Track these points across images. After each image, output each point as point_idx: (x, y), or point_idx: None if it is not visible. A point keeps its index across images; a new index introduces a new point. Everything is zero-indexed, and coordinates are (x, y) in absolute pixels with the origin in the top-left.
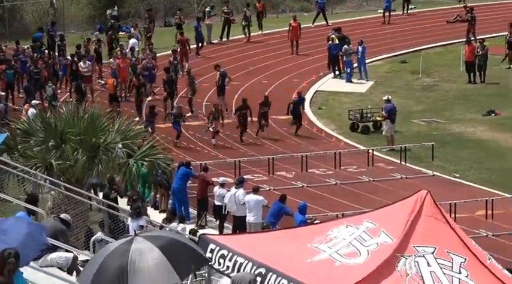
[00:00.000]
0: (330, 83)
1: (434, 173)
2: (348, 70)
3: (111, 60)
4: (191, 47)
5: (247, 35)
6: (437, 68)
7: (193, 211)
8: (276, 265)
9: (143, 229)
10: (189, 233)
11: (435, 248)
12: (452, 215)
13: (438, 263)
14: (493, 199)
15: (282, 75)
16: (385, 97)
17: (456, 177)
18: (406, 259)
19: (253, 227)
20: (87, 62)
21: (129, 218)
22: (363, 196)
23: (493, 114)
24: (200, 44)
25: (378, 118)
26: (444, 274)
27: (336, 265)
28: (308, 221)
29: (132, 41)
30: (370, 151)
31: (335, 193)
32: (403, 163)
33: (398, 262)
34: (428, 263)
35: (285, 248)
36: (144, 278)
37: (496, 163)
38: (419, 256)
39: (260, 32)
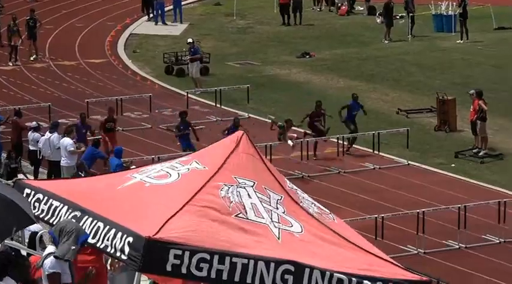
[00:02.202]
0: (144, 26)
1: (250, 115)
2: (161, 12)
3: None
4: None
5: None
6: (251, 10)
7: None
8: (91, 206)
9: None
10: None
11: (254, 182)
12: (268, 156)
13: (258, 197)
14: (308, 141)
15: (96, 18)
16: (189, 40)
17: (271, 119)
18: (229, 187)
19: (65, 171)
20: None
21: None
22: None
23: (307, 56)
24: None
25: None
26: (264, 207)
27: (146, 186)
28: (124, 165)
29: None
30: (185, 94)
31: (150, 137)
32: (218, 105)
33: (221, 190)
34: (249, 195)
35: (100, 188)
36: None
37: (310, 104)
38: (240, 187)
39: None
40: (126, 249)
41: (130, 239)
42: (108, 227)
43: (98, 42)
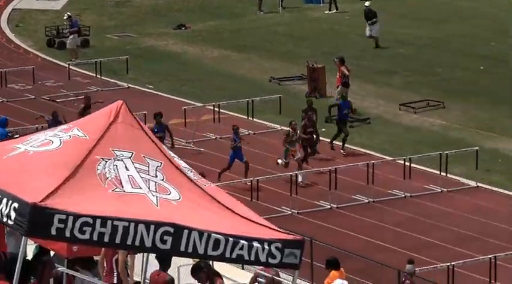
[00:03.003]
0: (26, 2)
1: (129, 85)
2: None
3: None
4: None
5: None
6: None
7: None
8: None
9: None
10: None
11: (132, 153)
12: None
13: (135, 167)
14: (185, 108)
15: None
16: (66, 15)
17: (150, 88)
18: (106, 162)
19: None
20: None
21: None
22: (64, 108)
23: (183, 28)
24: None
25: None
26: (141, 177)
27: (30, 155)
28: (9, 134)
29: None
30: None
31: (34, 107)
32: (98, 76)
33: (99, 165)
34: (126, 167)
35: None
36: None
37: (187, 74)
38: (118, 159)
39: None
40: (13, 215)
41: (16, 205)
42: None
43: None
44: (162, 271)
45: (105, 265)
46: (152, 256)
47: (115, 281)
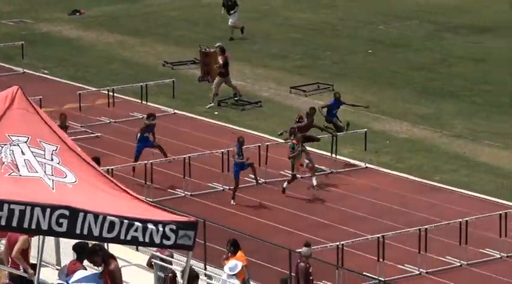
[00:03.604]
0: None
1: (25, 71)
2: None
3: None
4: None
5: None
6: None
7: None
8: None
9: None
10: None
11: (28, 137)
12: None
13: (31, 152)
14: (80, 93)
15: None
16: None
17: (45, 73)
18: (2, 147)
19: None
20: None
21: None
22: None
23: (78, 13)
24: None
25: None
26: (37, 161)
27: None
28: None
29: None
30: None
31: None
32: None
33: None
34: (22, 151)
35: None
36: None
37: (82, 59)
38: (13, 144)
39: None
40: None
41: None
42: None
43: None
44: (78, 261)
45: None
46: (68, 245)
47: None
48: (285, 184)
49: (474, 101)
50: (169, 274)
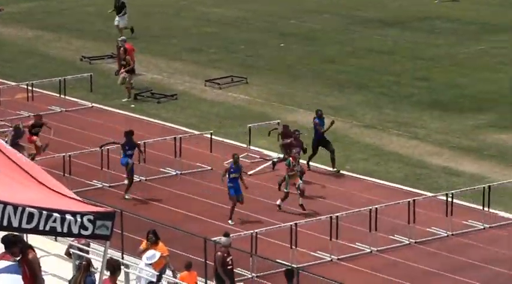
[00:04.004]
0: None
1: None
2: None
3: None
4: None
5: None
6: None
7: None
8: None
9: None
10: None
11: None
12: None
13: None
14: None
15: None
16: None
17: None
18: None
19: None
20: None
21: None
22: None
23: None
24: None
25: None
26: None
27: None
28: None
29: None
30: None
31: None
32: None
33: None
34: None
35: None
36: None
37: (1, 54)
38: None
39: None
40: None
41: None
42: None
43: None
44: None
45: None
46: None
47: None
48: (278, 202)
49: (383, 92)
50: (84, 262)
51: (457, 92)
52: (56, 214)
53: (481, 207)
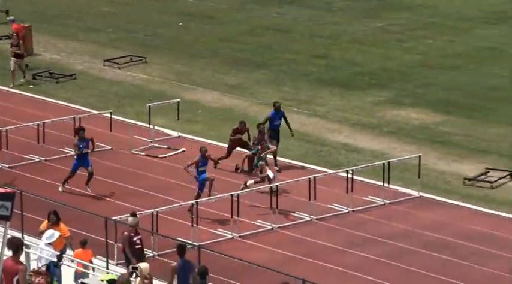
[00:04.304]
0: None
1: None
2: None
3: None
4: None
5: None
6: None
7: None
8: None
9: None
10: None
11: None
12: None
13: None
14: None
15: None
16: None
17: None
18: None
19: None
20: None
21: None
22: None
23: None
24: None
25: None
26: None
27: None
28: None
29: None
30: None
31: None
32: None
33: None
34: None
35: None
36: None
37: None
38: None
39: None
40: None
41: None
42: None
43: None
44: None
45: None
46: None
47: None
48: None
49: (281, 70)
50: None
51: (356, 69)
52: None
53: (381, 183)
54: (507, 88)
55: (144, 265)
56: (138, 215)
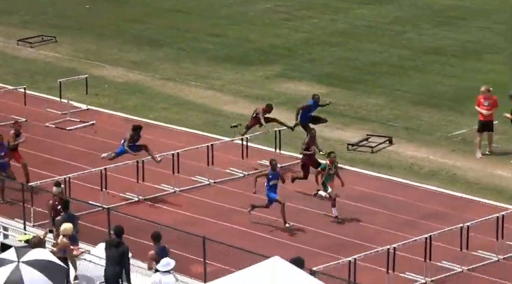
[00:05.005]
0: None
1: None
2: None
3: None
4: None
5: None
6: None
7: None
8: None
9: None
10: None
11: None
12: None
13: None
14: None
15: None
16: None
17: None
18: None
19: None
20: None
21: None
22: None
23: None
24: None
25: None
26: None
27: None
28: None
29: None
30: None
31: None
32: None
33: None
34: None
35: None
36: None
37: None
38: None
39: None
40: None
41: None
42: None
43: None
44: None
45: None
46: None
47: None
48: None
49: (181, 48)
50: None
51: (248, 46)
52: None
53: (273, 149)
54: (385, 63)
55: (65, 226)
56: (62, 185)
